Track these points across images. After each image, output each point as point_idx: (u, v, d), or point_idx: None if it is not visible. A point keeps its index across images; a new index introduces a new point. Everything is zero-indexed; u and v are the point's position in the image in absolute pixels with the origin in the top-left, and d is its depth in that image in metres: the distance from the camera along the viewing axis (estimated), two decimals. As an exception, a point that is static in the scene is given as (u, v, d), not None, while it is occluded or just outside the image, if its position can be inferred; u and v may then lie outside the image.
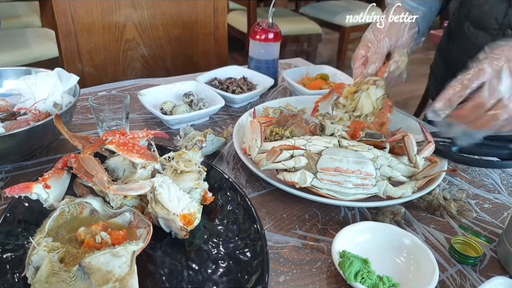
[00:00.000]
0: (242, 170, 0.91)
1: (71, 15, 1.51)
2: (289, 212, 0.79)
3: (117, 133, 0.75)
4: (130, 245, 0.55)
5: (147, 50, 1.68)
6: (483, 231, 0.77)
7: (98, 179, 0.66)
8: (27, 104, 0.93)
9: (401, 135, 0.82)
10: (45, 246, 0.56)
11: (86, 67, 1.58)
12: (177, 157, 0.76)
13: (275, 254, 0.69)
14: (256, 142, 0.82)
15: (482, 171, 0.95)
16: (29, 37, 2.52)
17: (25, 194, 0.65)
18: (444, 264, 0.69)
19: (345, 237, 0.68)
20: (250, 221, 0.68)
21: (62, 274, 0.52)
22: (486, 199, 0.86)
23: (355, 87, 0.95)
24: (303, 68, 1.37)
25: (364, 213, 0.79)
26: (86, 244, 0.59)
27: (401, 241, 0.69)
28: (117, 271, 0.52)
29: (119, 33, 1.61)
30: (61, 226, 0.64)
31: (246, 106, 1.21)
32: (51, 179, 0.69)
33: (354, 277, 0.61)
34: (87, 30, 1.56)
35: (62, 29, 1.51)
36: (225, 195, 0.76)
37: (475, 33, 1.09)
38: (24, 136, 0.80)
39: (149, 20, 1.64)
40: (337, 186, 0.76)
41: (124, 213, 0.67)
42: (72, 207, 0.67)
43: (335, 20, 3.82)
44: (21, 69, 1.01)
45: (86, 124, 1.06)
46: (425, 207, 0.82)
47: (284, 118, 0.98)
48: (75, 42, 1.55)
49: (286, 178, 0.78)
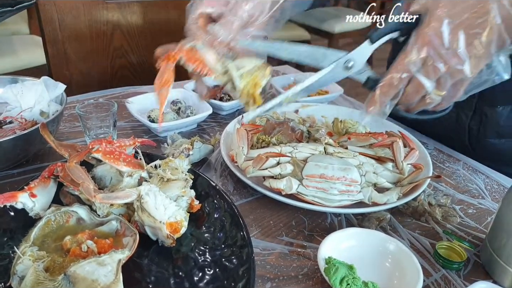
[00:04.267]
0: (229, 177, 0.91)
1: (58, 23, 1.51)
2: (276, 219, 0.80)
3: (104, 142, 0.75)
4: (116, 254, 0.55)
5: (135, 58, 1.68)
6: (467, 236, 0.78)
7: (84, 188, 0.66)
8: (13, 113, 0.93)
9: (390, 141, 0.83)
10: (30, 255, 0.56)
11: (73, 74, 1.58)
12: (164, 165, 0.76)
13: (261, 261, 0.70)
14: (243, 149, 0.83)
15: (467, 176, 0.96)
16: (17, 44, 2.51)
17: (10, 203, 0.65)
18: (428, 269, 0.70)
19: (331, 243, 0.69)
20: (236, 229, 0.69)
21: (47, 283, 0.52)
22: (470, 205, 0.87)
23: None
24: (292, 75, 1.38)
25: (350, 219, 0.80)
26: (72, 252, 0.59)
27: (386, 247, 0.70)
28: (103, 280, 0.52)
29: (107, 41, 1.61)
30: (47, 235, 0.64)
31: (234, 113, 1.21)
32: (37, 188, 0.69)
33: (339, 283, 0.62)
34: (74, 38, 1.56)
35: (49, 37, 1.50)
36: (212, 203, 0.76)
37: None
38: (10, 144, 0.79)
39: (137, 27, 1.64)
40: (322, 192, 0.77)
41: (111, 222, 0.67)
42: (58, 215, 0.67)
43: (323, 26, 3.85)
44: (7, 77, 1.01)
45: (73, 132, 1.05)
46: (411, 213, 0.83)
47: (271, 126, 0.99)
48: (63, 50, 1.55)
49: (272, 185, 0.79)
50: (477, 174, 0.98)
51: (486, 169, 0.99)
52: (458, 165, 1.01)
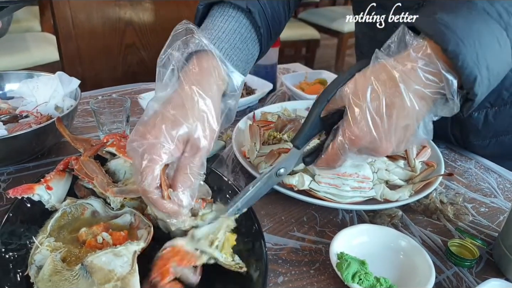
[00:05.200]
0: (241, 173, 0.92)
1: (71, 20, 1.53)
2: (288, 214, 0.80)
3: (118, 136, 0.76)
4: (132, 245, 0.56)
5: (147, 54, 1.69)
6: (479, 234, 0.78)
7: (98, 181, 0.67)
8: (29, 107, 0.95)
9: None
10: (47, 245, 0.57)
11: (86, 71, 1.60)
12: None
13: (273, 256, 0.70)
14: (255, 145, 0.83)
15: (479, 175, 0.96)
16: (29, 41, 2.53)
17: (27, 195, 0.66)
18: (440, 266, 0.70)
19: (343, 239, 0.69)
20: (249, 222, 0.69)
21: (64, 273, 0.53)
22: (482, 203, 0.87)
23: None
24: (302, 73, 1.39)
25: (362, 216, 0.80)
26: (87, 244, 0.60)
27: (398, 243, 0.70)
28: (119, 270, 0.52)
29: (119, 38, 1.62)
30: (63, 227, 0.65)
31: (245, 110, 1.22)
32: (52, 180, 0.70)
33: (351, 278, 0.62)
34: (87, 35, 1.57)
35: (63, 33, 1.52)
36: (225, 198, 0.77)
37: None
38: (26, 138, 0.81)
39: (149, 24, 1.66)
40: (334, 189, 0.77)
41: (125, 214, 0.67)
42: (74, 208, 0.68)
43: (333, 26, 3.85)
44: (23, 72, 1.02)
45: (87, 127, 1.07)
46: (422, 211, 0.83)
47: (282, 123, 1.00)
48: (76, 46, 1.56)
49: (284, 181, 0.79)
50: (490, 173, 0.97)
51: (498, 168, 0.99)
52: (470, 164, 1.00)
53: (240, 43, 0.73)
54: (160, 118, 0.58)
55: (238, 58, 0.73)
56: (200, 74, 0.62)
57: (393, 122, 0.58)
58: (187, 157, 0.59)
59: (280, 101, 1.29)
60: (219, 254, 0.59)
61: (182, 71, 0.62)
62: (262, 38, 0.77)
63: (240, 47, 0.73)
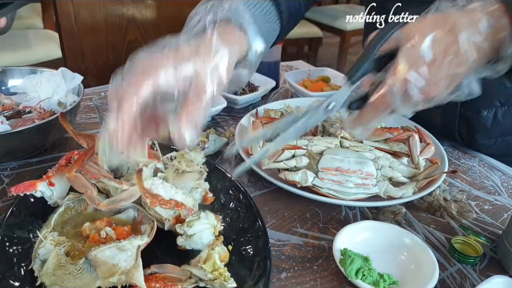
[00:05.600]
0: (244, 169, 0.91)
1: (74, 16, 1.53)
2: (291, 211, 0.80)
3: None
4: (135, 240, 0.56)
5: (150, 51, 1.69)
6: (483, 231, 0.78)
7: (87, 196, 0.65)
8: (32, 103, 0.95)
9: (406, 135, 0.83)
10: (51, 240, 0.57)
11: (89, 67, 1.60)
12: (179, 157, 0.77)
13: (276, 252, 0.70)
14: (258, 141, 0.83)
15: (483, 173, 0.96)
16: (31, 38, 2.53)
17: (29, 192, 0.66)
18: (444, 263, 0.70)
19: (347, 235, 0.69)
20: (252, 219, 0.69)
21: (68, 266, 0.53)
22: (486, 201, 0.86)
23: None
24: (305, 70, 1.38)
25: (365, 213, 0.80)
26: (91, 239, 0.60)
27: (402, 240, 0.70)
28: (123, 264, 0.52)
29: (122, 34, 1.62)
30: (67, 222, 0.65)
31: (248, 107, 1.22)
32: (55, 176, 0.70)
33: (355, 274, 0.62)
34: (90, 31, 1.57)
35: (65, 30, 1.52)
36: (228, 194, 0.77)
37: None
38: (29, 133, 0.81)
39: (152, 21, 1.65)
40: (338, 185, 0.77)
41: (128, 210, 0.67)
42: (77, 203, 0.68)
43: (336, 24, 3.84)
44: (26, 68, 1.02)
45: (89, 123, 1.07)
46: (426, 208, 0.82)
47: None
48: (79, 43, 1.56)
49: (287, 177, 0.79)
50: (493, 171, 0.97)
51: (502, 166, 0.98)
52: (473, 162, 1.00)
53: (261, 16, 0.73)
54: (171, 51, 0.57)
55: (260, 28, 0.71)
56: (223, 33, 0.61)
57: (445, 67, 0.57)
58: (192, 98, 0.57)
59: (283, 98, 1.29)
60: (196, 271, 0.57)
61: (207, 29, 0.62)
62: (283, 16, 0.77)
63: (262, 20, 0.73)
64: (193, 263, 0.59)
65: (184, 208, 0.62)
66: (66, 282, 0.52)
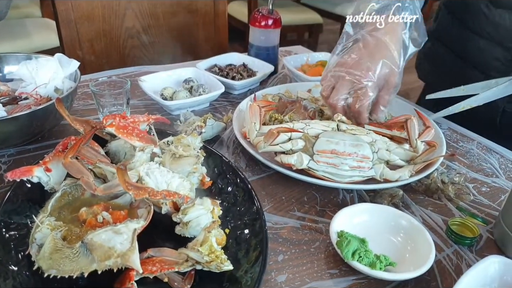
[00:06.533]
0: (242, 154, 0.92)
1: (71, 3, 1.51)
2: (288, 194, 0.80)
3: (118, 117, 0.75)
4: (131, 223, 0.56)
5: (147, 38, 1.68)
6: (480, 213, 0.78)
7: (84, 182, 0.65)
8: (28, 89, 0.94)
9: (404, 118, 0.82)
10: (48, 224, 0.57)
11: (86, 55, 1.59)
12: (176, 141, 0.77)
13: (274, 235, 0.70)
14: (255, 125, 0.83)
15: (481, 156, 0.95)
16: (29, 27, 2.52)
17: (26, 177, 0.66)
18: (440, 244, 0.70)
19: (344, 217, 0.69)
20: (249, 202, 0.69)
21: (65, 250, 0.53)
22: (484, 183, 0.86)
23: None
24: (304, 55, 1.37)
25: (362, 196, 0.80)
26: (88, 223, 0.60)
27: (399, 222, 0.70)
28: (119, 247, 0.53)
29: (119, 21, 1.61)
30: (63, 207, 0.65)
31: (246, 92, 1.21)
32: (52, 162, 0.70)
33: (351, 256, 0.62)
34: (87, 18, 1.56)
35: (62, 17, 1.51)
36: (225, 178, 0.77)
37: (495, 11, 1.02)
38: (26, 119, 0.81)
39: (149, 8, 1.64)
40: (333, 168, 0.77)
41: (125, 194, 0.67)
42: (74, 188, 0.68)
43: (336, 10, 3.81)
44: (22, 55, 1.02)
45: (87, 109, 1.06)
46: (423, 190, 0.82)
47: (283, 105, 0.99)
48: (75, 30, 1.55)
49: (283, 160, 0.79)
50: (492, 153, 0.97)
51: (501, 149, 0.98)
52: (472, 145, 1.00)
53: None
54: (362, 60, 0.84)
55: None
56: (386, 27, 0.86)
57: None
58: (383, 94, 0.86)
59: (281, 83, 1.28)
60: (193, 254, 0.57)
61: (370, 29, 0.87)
62: None
63: None
64: (190, 246, 0.59)
65: (178, 197, 0.62)
66: (62, 266, 0.52)
